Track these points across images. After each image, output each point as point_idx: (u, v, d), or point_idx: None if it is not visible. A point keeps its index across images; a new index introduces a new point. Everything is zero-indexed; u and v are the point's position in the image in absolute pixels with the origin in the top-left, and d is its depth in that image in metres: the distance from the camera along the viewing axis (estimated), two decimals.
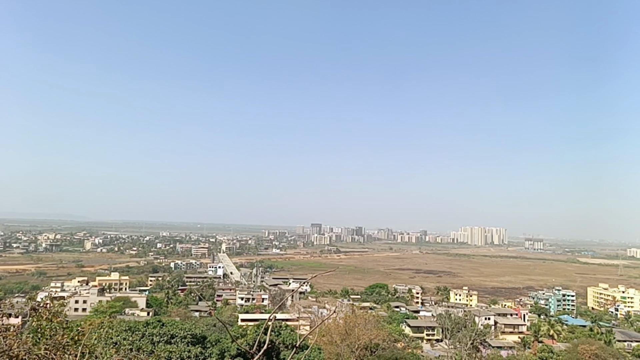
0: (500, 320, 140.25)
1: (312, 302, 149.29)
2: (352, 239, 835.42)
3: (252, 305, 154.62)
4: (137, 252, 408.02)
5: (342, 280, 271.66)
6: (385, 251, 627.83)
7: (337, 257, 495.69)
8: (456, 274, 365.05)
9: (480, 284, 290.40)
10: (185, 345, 46.62)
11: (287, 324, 75.09)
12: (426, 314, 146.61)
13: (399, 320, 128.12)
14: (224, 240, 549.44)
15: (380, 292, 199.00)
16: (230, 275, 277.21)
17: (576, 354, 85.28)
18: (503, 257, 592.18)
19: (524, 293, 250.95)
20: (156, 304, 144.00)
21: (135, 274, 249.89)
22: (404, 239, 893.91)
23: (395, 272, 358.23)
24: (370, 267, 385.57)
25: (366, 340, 64.82)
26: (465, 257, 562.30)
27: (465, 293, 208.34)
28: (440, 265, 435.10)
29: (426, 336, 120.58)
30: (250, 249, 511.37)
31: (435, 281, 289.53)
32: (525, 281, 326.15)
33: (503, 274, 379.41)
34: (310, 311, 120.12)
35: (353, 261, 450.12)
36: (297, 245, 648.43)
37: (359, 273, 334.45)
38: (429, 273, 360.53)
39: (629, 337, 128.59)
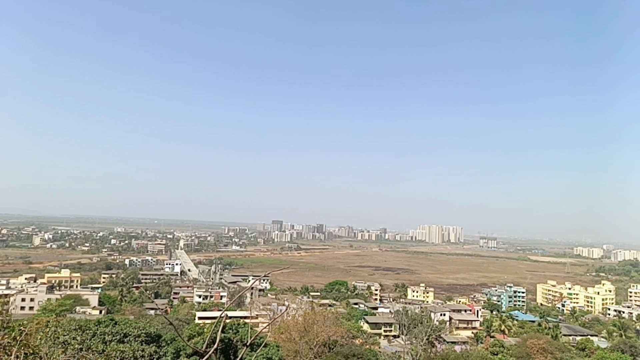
0: (455, 316, 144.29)
1: (272, 300, 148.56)
2: (313, 236, 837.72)
3: (210, 302, 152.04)
4: (90, 249, 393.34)
5: (303, 278, 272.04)
6: (346, 249, 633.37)
7: (297, 255, 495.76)
8: (414, 271, 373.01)
9: (436, 281, 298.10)
10: (139, 344, 45.22)
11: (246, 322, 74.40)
12: (384, 311, 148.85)
13: (358, 317, 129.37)
14: (182, 237, 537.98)
15: (340, 289, 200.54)
16: (188, 273, 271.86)
17: (525, 348, 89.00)
18: (459, 255, 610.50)
19: (477, 290, 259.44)
20: (109, 302, 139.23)
21: (88, 271, 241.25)
22: (365, 237, 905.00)
23: (355, 269, 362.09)
24: (330, 265, 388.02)
25: (325, 337, 65.06)
26: (423, 255, 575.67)
27: (422, 290, 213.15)
28: (398, 263, 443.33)
29: (384, 332, 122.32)
30: (210, 246, 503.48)
31: (393, 278, 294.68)
32: (479, 278, 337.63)
33: (458, 271, 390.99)
34: (270, 308, 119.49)
35: (314, 258, 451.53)
36: (257, 242, 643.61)
37: (319, 270, 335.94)
38: (387, 270, 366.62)
39: (574, 332, 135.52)
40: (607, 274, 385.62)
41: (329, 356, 59.96)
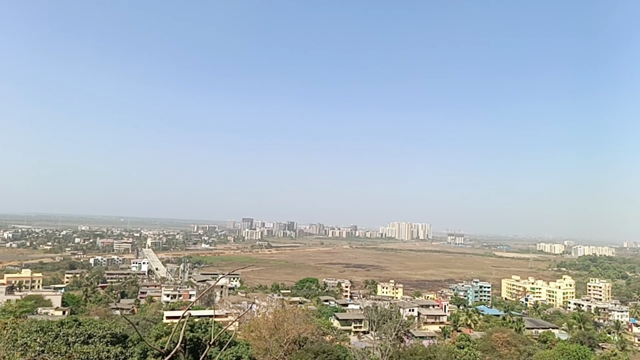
0: (423, 311, 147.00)
1: (242, 298, 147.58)
2: (284, 234, 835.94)
3: (178, 302, 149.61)
4: (52, 248, 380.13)
5: (273, 275, 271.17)
6: (317, 246, 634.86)
7: (268, 252, 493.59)
8: (384, 267, 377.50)
9: (406, 277, 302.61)
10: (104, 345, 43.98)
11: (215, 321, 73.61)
12: (354, 307, 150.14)
13: (328, 314, 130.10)
14: (150, 235, 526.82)
15: (311, 287, 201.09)
16: (156, 272, 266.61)
17: (490, 342, 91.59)
18: (427, 252, 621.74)
19: (445, 285, 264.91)
20: (73, 302, 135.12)
21: (50, 271, 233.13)
22: (335, 234, 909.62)
23: (325, 266, 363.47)
24: (301, 262, 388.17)
25: (295, 335, 65.08)
26: (393, 252, 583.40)
27: (391, 286, 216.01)
28: (369, 260, 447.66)
29: (354, 329, 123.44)
30: (178, 244, 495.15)
31: (364, 275, 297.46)
32: (447, 274, 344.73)
33: (427, 267, 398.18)
34: (240, 307, 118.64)
35: (284, 256, 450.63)
36: (227, 240, 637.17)
37: (289, 268, 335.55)
38: (358, 267, 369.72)
39: (536, 325, 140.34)
40: (568, 269, 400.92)
41: (299, 353, 60.05)
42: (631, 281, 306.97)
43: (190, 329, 54.00)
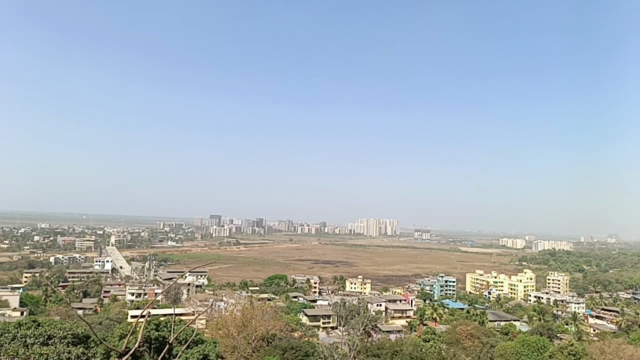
0: (390, 306, 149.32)
1: (210, 295, 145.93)
2: (253, 230, 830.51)
3: (144, 300, 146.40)
4: (10, 246, 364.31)
5: (242, 272, 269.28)
6: (286, 242, 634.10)
7: (236, 249, 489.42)
8: (352, 263, 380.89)
9: (374, 273, 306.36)
10: (64, 346, 42.72)
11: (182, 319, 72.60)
12: (323, 303, 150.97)
13: (297, 310, 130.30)
14: (114, 233, 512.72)
15: (279, 283, 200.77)
16: (120, 270, 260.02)
17: (455, 334, 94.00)
18: (395, 247, 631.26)
19: (412, 280, 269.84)
20: (32, 302, 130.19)
21: (7, 270, 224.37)
22: (304, 231, 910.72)
23: (294, 263, 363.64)
24: (270, 259, 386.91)
25: (263, 331, 64.99)
26: (361, 248, 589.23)
27: (360, 282, 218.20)
28: (337, 256, 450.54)
29: (322, 324, 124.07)
30: (143, 242, 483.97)
31: (332, 271, 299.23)
32: (414, 269, 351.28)
33: (394, 262, 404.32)
34: (207, 304, 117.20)
35: (253, 253, 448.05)
36: (194, 237, 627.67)
37: (258, 265, 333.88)
38: (327, 263, 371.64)
39: (498, 318, 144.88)
40: (529, 263, 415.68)
41: (267, 350, 59.97)
42: (587, 274, 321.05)
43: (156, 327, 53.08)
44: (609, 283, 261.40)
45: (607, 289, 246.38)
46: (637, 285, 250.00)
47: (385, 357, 59.96)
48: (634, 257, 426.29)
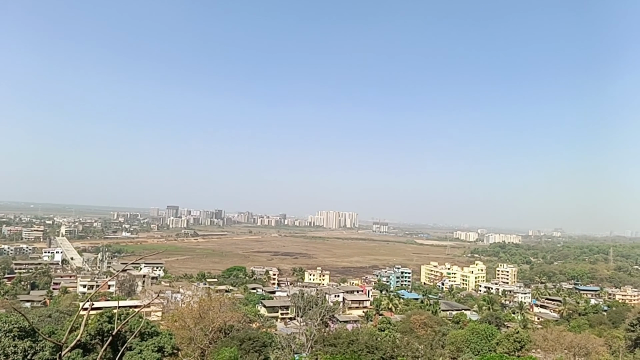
0: (348, 297, 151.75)
1: (166, 287, 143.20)
2: (212, 222, 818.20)
3: (96, 292, 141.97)
4: None
5: (199, 264, 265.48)
6: (245, 234, 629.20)
7: (194, 241, 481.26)
8: (311, 255, 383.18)
9: (332, 265, 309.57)
10: (10, 339, 41.15)
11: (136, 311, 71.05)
12: (282, 294, 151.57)
13: (255, 302, 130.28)
14: (64, 223, 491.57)
15: (238, 275, 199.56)
16: (71, 261, 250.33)
17: (409, 324, 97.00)
18: (353, 239, 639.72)
19: (369, 272, 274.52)
20: None
21: None
22: (264, 223, 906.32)
23: (253, 254, 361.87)
24: (229, 251, 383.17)
25: (220, 323, 64.74)
26: (321, 240, 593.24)
27: (318, 273, 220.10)
28: (297, 248, 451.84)
29: (280, 315, 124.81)
30: (96, 232, 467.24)
31: (291, 263, 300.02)
32: (371, 261, 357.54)
33: (353, 254, 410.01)
34: (163, 296, 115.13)
35: (211, 244, 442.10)
36: (150, 228, 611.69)
37: (217, 256, 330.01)
38: (286, 255, 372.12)
39: (450, 307, 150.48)
40: (480, 255, 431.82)
41: (224, 341, 59.84)
42: (534, 266, 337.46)
43: (109, 320, 51.85)
44: (553, 274, 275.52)
45: (551, 280, 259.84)
46: (578, 276, 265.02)
47: (342, 347, 61.15)
48: (576, 250, 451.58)
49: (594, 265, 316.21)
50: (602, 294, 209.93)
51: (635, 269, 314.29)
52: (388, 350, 62.10)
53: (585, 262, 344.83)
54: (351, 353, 56.80)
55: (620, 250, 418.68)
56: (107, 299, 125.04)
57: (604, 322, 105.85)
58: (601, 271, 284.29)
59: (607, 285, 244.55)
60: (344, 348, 60.53)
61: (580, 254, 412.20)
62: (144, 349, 55.00)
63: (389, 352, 61.17)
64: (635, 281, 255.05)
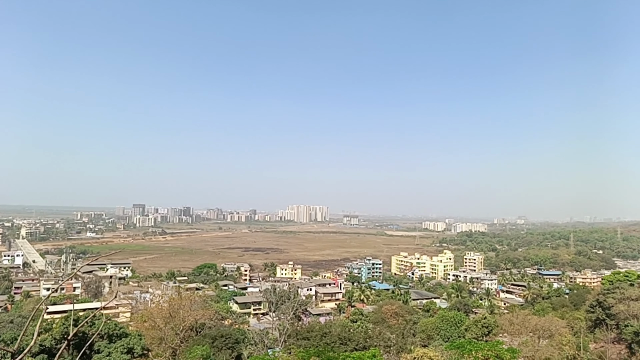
0: (320, 290, 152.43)
1: (134, 287, 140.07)
2: (180, 219, 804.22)
3: (61, 295, 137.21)
4: None
5: (168, 263, 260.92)
6: (215, 231, 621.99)
7: (162, 239, 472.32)
8: (283, 250, 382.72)
9: (304, 258, 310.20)
10: None
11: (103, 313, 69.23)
12: (254, 290, 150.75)
13: (227, 298, 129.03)
14: (24, 225, 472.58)
15: (209, 272, 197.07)
16: (33, 264, 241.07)
17: (381, 314, 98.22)
18: (325, 233, 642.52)
19: (341, 264, 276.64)
20: None
21: None
22: (234, 219, 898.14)
23: (224, 251, 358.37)
24: (198, 248, 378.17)
25: (192, 321, 63.84)
26: (292, 234, 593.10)
27: (290, 267, 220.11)
28: (268, 243, 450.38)
29: (253, 311, 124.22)
30: (59, 234, 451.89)
31: (263, 258, 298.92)
32: (343, 253, 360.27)
33: (324, 248, 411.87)
34: (132, 297, 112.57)
35: (180, 242, 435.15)
36: (116, 228, 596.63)
37: (186, 254, 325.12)
38: (257, 251, 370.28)
39: (421, 296, 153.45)
40: (448, 244, 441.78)
41: (196, 340, 59.06)
42: (500, 253, 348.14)
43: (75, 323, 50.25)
44: (518, 260, 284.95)
45: (516, 266, 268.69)
46: (541, 262, 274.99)
47: (315, 340, 61.35)
48: (539, 236, 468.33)
49: (555, 250, 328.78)
50: (564, 277, 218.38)
51: (594, 253, 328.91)
52: (361, 340, 62.72)
53: (548, 247, 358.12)
54: (324, 345, 57.06)
55: (580, 236, 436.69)
56: (73, 301, 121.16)
57: (566, 304, 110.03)
58: (562, 256, 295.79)
59: (568, 269, 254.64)
60: (317, 341, 60.75)
61: (543, 240, 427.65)
62: (112, 351, 53.64)
63: (361, 342, 61.77)
64: (594, 265, 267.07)
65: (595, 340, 70.06)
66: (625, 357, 58.86)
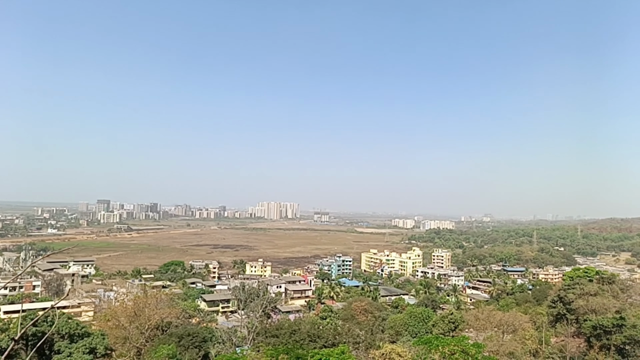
0: (290, 287, 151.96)
1: (98, 286, 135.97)
2: (147, 216, 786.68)
3: (19, 294, 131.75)
4: None
5: (134, 260, 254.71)
6: (183, 228, 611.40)
7: (128, 236, 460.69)
8: (253, 247, 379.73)
9: (274, 255, 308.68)
10: None
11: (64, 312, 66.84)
12: (222, 288, 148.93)
13: (195, 296, 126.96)
14: None
15: (176, 270, 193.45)
16: None
17: (350, 311, 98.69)
18: (295, 230, 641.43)
19: (311, 261, 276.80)
20: None
21: None
22: (203, 215, 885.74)
23: (192, 248, 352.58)
24: (166, 245, 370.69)
25: (157, 320, 62.35)
26: (262, 231, 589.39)
27: (260, 265, 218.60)
28: (237, 240, 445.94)
29: (222, 309, 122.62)
30: (18, 230, 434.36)
31: (232, 255, 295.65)
32: (313, 250, 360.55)
33: (295, 245, 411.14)
34: (95, 295, 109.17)
35: (147, 239, 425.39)
36: (79, 224, 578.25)
37: (153, 251, 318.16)
38: (226, 248, 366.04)
39: (390, 293, 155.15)
40: (417, 241, 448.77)
41: (162, 339, 57.68)
42: (466, 250, 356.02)
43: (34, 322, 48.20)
44: (483, 257, 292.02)
45: (482, 263, 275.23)
46: (506, 258, 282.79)
47: (284, 337, 60.95)
48: (504, 233, 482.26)
49: (519, 247, 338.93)
50: (527, 274, 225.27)
51: (556, 249, 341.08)
52: (330, 337, 62.71)
53: (512, 244, 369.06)
54: (293, 343, 56.73)
55: (543, 233, 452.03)
56: (32, 300, 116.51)
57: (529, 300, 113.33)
58: (526, 253, 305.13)
59: (531, 265, 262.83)
60: (286, 338, 60.38)
61: (508, 237, 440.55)
62: (73, 352, 51.77)
63: (330, 339, 61.76)
64: (556, 261, 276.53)
65: (556, 334, 72.29)
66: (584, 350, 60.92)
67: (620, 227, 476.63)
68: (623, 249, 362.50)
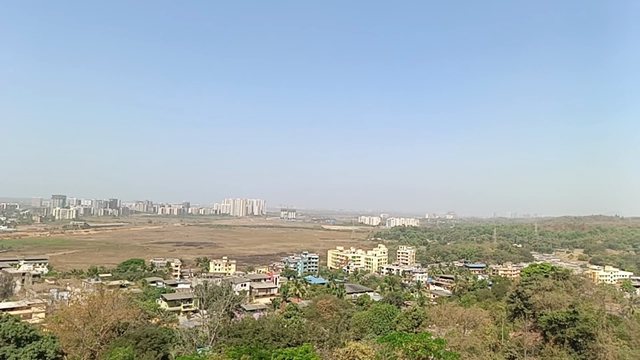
0: (255, 285, 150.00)
1: (51, 285, 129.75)
2: (105, 212, 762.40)
3: None
4: None
5: (91, 258, 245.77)
6: (144, 225, 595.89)
7: (85, 233, 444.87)
8: (217, 244, 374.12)
9: (239, 253, 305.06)
10: None
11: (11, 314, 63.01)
12: (185, 287, 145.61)
13: (155, 296, 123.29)
14: None
15: (136, 268, 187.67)
16: None
17: (315, 308, 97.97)
18: (261, 227, 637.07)
19: (277, 259, 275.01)
20: None
21: None
22: (166, 212, 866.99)
23: (154, 246, 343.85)
24: (125, 243, 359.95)
25: (114, 321, 59.66)
26: (227, 228, 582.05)
27: (224, 262, 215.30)
28: (201, 237, 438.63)
29: (183, 309, 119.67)
30: None
31: (196, 253, 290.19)
32: (279, 247, 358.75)
33: (260, 242, 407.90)
34: (47, 296, 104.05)
35: (105, 237, 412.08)
36: (32, 220, 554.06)
37: (111, 249, 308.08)
38: (190, 245, 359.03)
39: (355, 290, 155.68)
40: (383, 238, 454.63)
41: (118, 341, 55.19)
42: (430, 247, 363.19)
43: None
44: (446, 254, 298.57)
45: (445, 259, 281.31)
46: (468, 255, 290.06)
47: (247, 337, 59.60)
48: (466, 231, 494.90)
49: (480, 244, 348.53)
50: (488, 270, 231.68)
51: (515, 246, 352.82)
52: (294, 336, 61.81)
53: (474, 241, 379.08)
54: (256, 342, 55.54)
55: (502, 230, 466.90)
56: None
57: (489, 295, 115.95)
58: (487, 249, 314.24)
59: (491, 262, 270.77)
60: (250, 338, 59.08)
61: (470, 235, 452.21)
62: (20, 356, 48.78)
63: (294, 338, 60.88)
64: (514, 257, 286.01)
65: (514, 328, 73.98)
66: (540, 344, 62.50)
67: (574, 224, 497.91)
68: (576, 245, 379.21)
